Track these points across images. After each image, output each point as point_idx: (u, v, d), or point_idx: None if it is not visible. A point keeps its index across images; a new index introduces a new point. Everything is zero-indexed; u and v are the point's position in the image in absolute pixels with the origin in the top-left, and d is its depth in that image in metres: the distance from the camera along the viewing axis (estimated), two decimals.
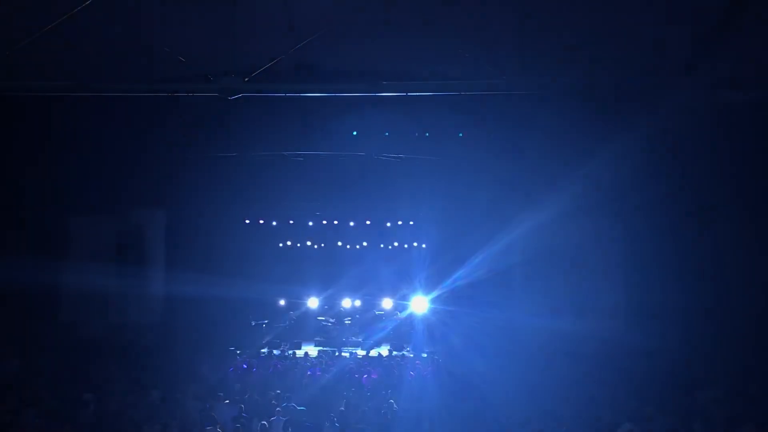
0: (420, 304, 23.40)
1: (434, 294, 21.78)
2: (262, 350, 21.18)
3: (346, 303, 24.78)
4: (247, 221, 20.73)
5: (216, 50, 11.26)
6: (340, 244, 24.20)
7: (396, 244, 23.51)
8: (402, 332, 23.95)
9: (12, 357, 13.99)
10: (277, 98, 12.50)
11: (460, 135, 15.51)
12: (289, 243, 24.24)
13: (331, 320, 25.01)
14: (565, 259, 15.40)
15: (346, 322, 24.77)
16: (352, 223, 21.11)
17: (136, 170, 15.48)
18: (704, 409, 11.04)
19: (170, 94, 11.89)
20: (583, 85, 11.46)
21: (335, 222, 20.95)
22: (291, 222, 21.02)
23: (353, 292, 24.51)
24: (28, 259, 14.08)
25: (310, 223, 21.27)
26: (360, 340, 23.20)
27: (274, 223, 21.27)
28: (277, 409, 12.18)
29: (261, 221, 20.86)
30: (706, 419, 10.43)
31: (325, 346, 22.95)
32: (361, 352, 21.67)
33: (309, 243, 24.29)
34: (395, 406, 12.37)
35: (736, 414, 10.57)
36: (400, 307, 24.21)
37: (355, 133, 14.82)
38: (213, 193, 17.38)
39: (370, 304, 24.58)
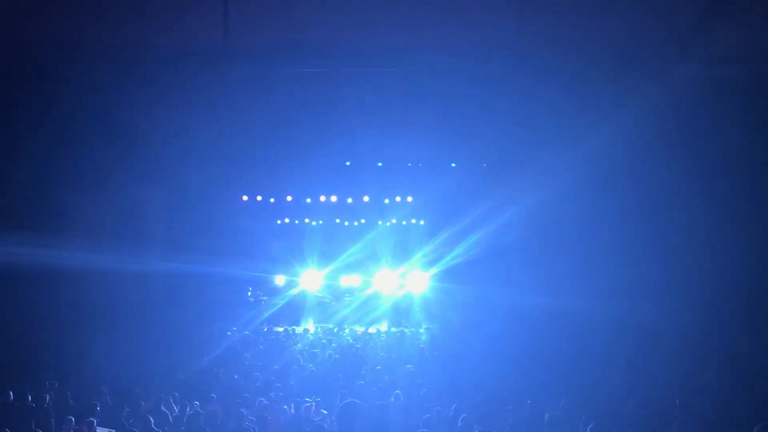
0: (418, 281, 23.51)
1: (433, 271, 21.86)
2: (264, 328, 21.35)
3: (345, 280, 24.86)
4: (245, 198, 20.68)
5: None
6: (338, 221, 24.19)
7: (394, 221, 23.49)
8: (400, 309, 24.11)
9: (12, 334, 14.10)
10: (273, 74, 12.44)
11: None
12: (287, 220, 24.23)
13: (330, 297, 25.14)
14: (564, 237, 15.40)
15: (345, 299, 24.89)
16: (350, 200, 21.05)
17: (134, 146, 15.43)
18: (705, 388, 11.11)
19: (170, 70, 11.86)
20: (583, 59, 11.40)
21: (333, 199, 20.87)
22: (289, 199, 20.95)
23: (352, 270, 24.57)
24: (26, 235, 14.09)
25: (308, 200, 21.20)
26: (359, 316, 23.34)
27: (272, 200, 21.22)
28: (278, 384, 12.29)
29: (259, 198, 20.80)
30: (707, 398, 10.50)
31: (324, 323, 23.11)
32: (360, 329, 21.80)
33: (307, 220, 24.28)
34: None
35: (732, 390, 10.65)
36: (398, 285, 24.30)
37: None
38: (211, 169, 17.35)
39: (368, 281, 24.66)
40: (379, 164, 17.98)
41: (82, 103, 13.45)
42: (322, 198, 20.83)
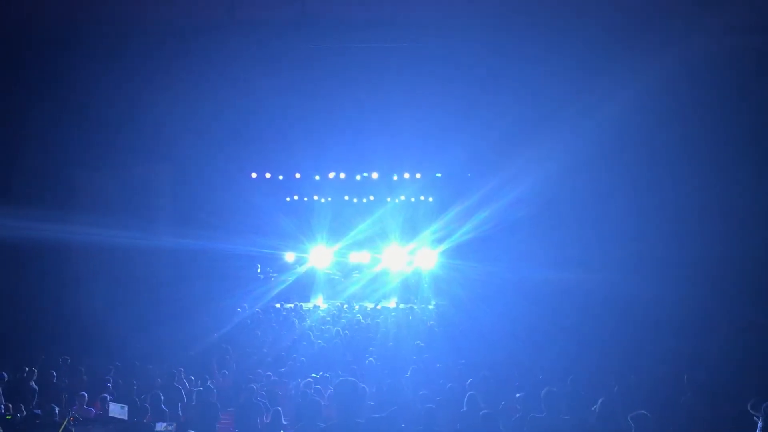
0: (427, 258, 23.54)
1: (441, 248, 21.87)
2: (276, 304, 21.49)
3: (354, 257, 24.91)
4: (254, 175, 20.68)
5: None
6: (347, 198, 24.17)
7: (403, 197, 23.46)
8: (409, 286, 24.17)
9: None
10: (281, 49, 12.37)
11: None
12: (296, 197, 24.23)
13: (339, 274, 25.23)
14: (573, 212, 15.34)
15: (354, 276, 24.97)
16: (358, 177, 20.99)
17: (142, 123, 15.42)
18: (707, 358, 11.13)
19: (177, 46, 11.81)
20: (592, 30, 11.27)
21: (342, 176, 20.82)
22: (297, 176, 20.92)
23: (361, 247, 24.61)
24: (35, 212, 14.17)
25: (317, 177, 21.17)
26: (368, 293, 23.43)
27: (281, 177, 21.20)
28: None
29: (267, 175, 20.78)
30: (710, 368, 10.51)
31: (334, 300, 23.23)
32: (369, 305, 21.90)
33: (316, 197, 24.28)
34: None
35: (739, 364, 10.64)
36: (407, 261, 24.34)
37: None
38: (219, 147, 17.34)
39: (377, 258, 24.70)
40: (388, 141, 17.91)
41: (91, 80, 13.41)
42: (331, 175, 20.79)
